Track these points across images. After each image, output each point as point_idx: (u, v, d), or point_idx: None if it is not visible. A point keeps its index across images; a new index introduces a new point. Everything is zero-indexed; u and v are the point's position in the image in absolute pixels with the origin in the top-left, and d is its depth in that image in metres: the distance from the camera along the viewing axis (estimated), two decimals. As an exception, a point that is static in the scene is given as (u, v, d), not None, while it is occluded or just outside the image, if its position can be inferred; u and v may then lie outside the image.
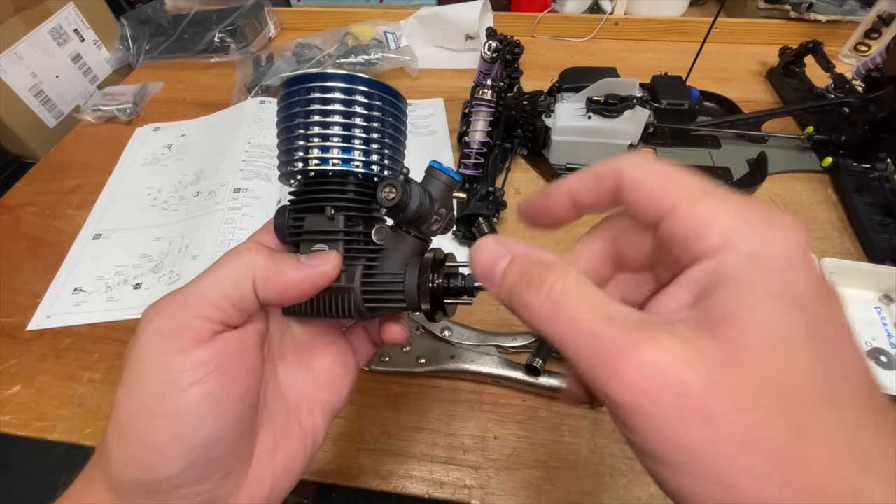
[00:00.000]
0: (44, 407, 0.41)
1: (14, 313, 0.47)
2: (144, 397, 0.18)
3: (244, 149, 0.60)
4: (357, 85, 0.22)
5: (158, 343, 0.19)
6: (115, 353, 0.44)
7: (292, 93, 0.22)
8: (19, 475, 1.02)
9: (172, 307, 0.19)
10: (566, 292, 0.15)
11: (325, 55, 0.74)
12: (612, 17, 0.82)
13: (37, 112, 0.71)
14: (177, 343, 0.18)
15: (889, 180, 0.53)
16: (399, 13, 0.83)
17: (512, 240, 0.18)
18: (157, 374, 0.18)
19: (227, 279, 0.20)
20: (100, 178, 0.61)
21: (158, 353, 0.18)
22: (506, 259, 0.17)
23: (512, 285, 0.16)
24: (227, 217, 0.53)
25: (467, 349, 0.40)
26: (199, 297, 0.19)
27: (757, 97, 0.69)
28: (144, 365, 0.19)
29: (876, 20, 0.68)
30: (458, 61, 0.78)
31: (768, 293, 0.13)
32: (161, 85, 0.77)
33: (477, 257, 0.18)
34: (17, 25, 0.69)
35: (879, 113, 0.52)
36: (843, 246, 0.50)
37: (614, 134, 0.53)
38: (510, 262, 0.17)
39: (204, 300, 0.19)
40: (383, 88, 0.23)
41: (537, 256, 0.16)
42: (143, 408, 0.18)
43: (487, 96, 0.53)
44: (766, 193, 0.55)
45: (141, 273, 0.49)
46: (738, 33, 0.79)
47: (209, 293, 0.19)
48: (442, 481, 0.36)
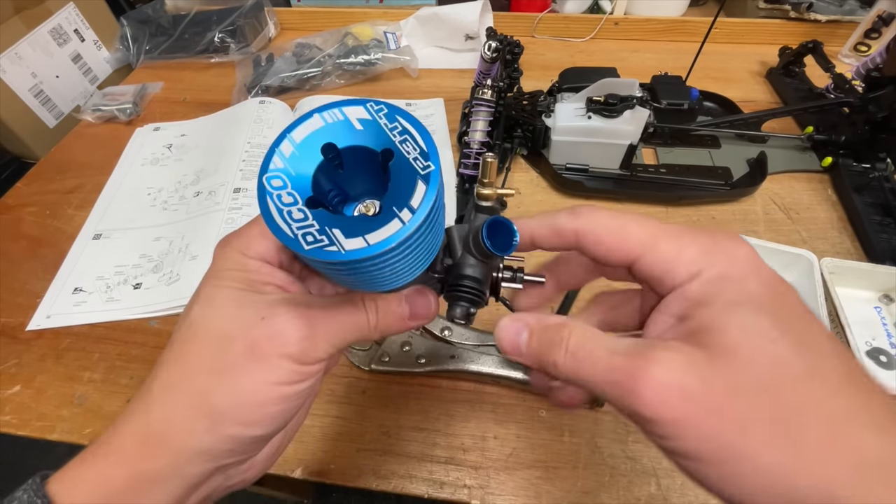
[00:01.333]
0: (44, 407, 0.41)
1: (14, 313, 0.47)
2: (246, 389, 0.19)
3: (244, 149, 0.61)
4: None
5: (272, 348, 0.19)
6: (115, 353, 0.44)
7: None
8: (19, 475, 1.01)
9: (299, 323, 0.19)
10: (580, 342, 0.18)
11: (325, 55, 0.74)
12: (612, 17, 0.82)
13: (37, 112, 0.71)
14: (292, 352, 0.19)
15: (889, 180, 0.53)
16: (399, 13, 0.83)
17: (524, 314, 0.21)
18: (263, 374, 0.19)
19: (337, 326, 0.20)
20: (100, 178, 0.61)
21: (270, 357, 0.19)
22: (525, 332, 0.20)
23: (536, 351, 0.19)
24: (227, 217, 0.53)
25: (467, 349, 0.40)
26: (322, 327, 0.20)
27: (757, 97, 0.69)
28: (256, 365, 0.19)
29: (876, 20, 0.68)
30: (458, 61, 0.78)
31: (732, 302, 0.16)
32: (161, 85, 0.77)
33: (502, 336, 0.20)
34: (17, 25, 0.69)
35: (879, 113, 0.52)
36: (843, 246, 0.50)
37: (614, 134, 0.52)
38: (529, 334, 0.20)
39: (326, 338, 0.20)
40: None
41: (547, 321, 0.20)
42: (242, 400, 0.19)
43: (487, 96, 0.53)
44: (766, 193, 0.55)
45: (141, 273, 0.49)
46: (738, 33, 0.79)
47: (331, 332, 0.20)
48: (442, 481, 0.36)
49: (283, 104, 0.68)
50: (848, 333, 0.39)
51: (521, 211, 0.55)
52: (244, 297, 0.19)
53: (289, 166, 0.16)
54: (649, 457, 0.36)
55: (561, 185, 0.56)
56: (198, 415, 0.18)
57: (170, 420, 0.18)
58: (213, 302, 0.19)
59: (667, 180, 0.55)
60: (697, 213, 0.53)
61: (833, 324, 0.41)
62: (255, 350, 0.18)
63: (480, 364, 0.39)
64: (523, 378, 0.38)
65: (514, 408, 0.39)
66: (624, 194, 0.55)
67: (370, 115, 0.17)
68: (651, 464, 0.36)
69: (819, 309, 0.40)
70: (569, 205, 0.55)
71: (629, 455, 0.36)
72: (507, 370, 0.39)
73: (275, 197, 0.16)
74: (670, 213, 0.53)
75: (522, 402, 0.40)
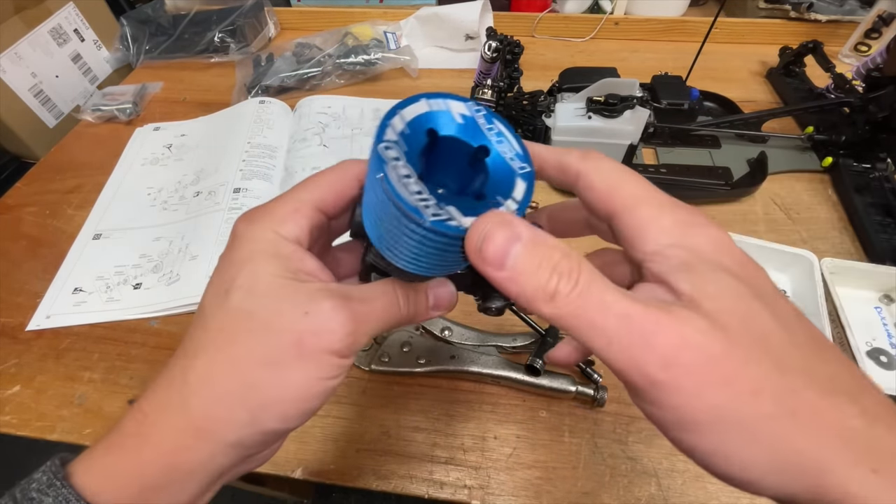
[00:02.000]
0: (44, 407, 0.41)
1: (14, 313, 0.47)
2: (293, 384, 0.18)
3: (244, 149, 0.60)
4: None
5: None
6: (115, 353, 0.44)
7: None
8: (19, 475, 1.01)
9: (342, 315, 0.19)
10: (591, 279, 0.15)
11: (325, 55, 0.74)
12: (612, 17, 0.82)
13: (37, 112, 0.71)
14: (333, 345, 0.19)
15: (889, 180, 0.53)
16: (399, 13, 0.83)
17: (514, 219, 0.16)
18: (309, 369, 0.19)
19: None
20: (100, 178, 0.61)
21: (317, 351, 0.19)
22: (518, 244, 0.15)
23: (531, 274, 0.15)
24: (227, 217, 0.53)
25: (467, 349, 0.40)
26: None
27: (757, 97, 0.69)
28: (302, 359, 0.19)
29: (876, 20, 0.68)
30: (458, 61, 0.78)
31: (713, 271, 0.16)
32: (161, 85, 0.77)
33: (486, 238, 0.15)
34: (17, 25, 0.69)
35: (879, 113, 0.52)
36: (843, 246, 0.50)
37: (614, 134, 0.52)
38: (523, 247, 0.15)
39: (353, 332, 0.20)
40: None
41: (547, 240, 0.16)
42: (290, 394, 0.19)
43: (487, 96, 0.53)
44: (766, 193, 0.55)
45: (141, 273, 0.49)
46: (738, 33, 0.79)
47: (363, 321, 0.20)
48: (442, 481, 0.36)
49: (283, 104, 0.68)
50: (848, 333, 0.39)
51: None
52: (286, 286, 0.18)
53: (401, 141, 0.17)
54: (649, 457, 0.36)
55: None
56: (241, 408, 0.18)
57: (211, 413, 0.18)
58: (254, 290, 0.18)
59: (667, 180, 0.55)
60: (697, 213, 0.53)
61: (833, 324, 0.41)
62: (302, 346, 0.18)
63: (480, 364, 0.39)
64: (524, 378, 0.38)
65: (514, 408, 0.39)
66: (624, 194, 0.55)
67: (470, 112, 0.18)
68: (651, 464, 0.36)
69: (819, 309, 0.40)
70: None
71: (629, 455, 0.36)
72: (507, 370, 0.39)
73: (390, 167, 0.16)
74: (670, 213, 0.53)
75: (522, 403, 0.40)
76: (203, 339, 0.19)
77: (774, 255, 0.45)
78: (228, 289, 0.19)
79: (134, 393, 0.42)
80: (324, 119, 0.65)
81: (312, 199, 0.20)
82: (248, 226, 0.20)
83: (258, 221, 0.20)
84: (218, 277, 0.19)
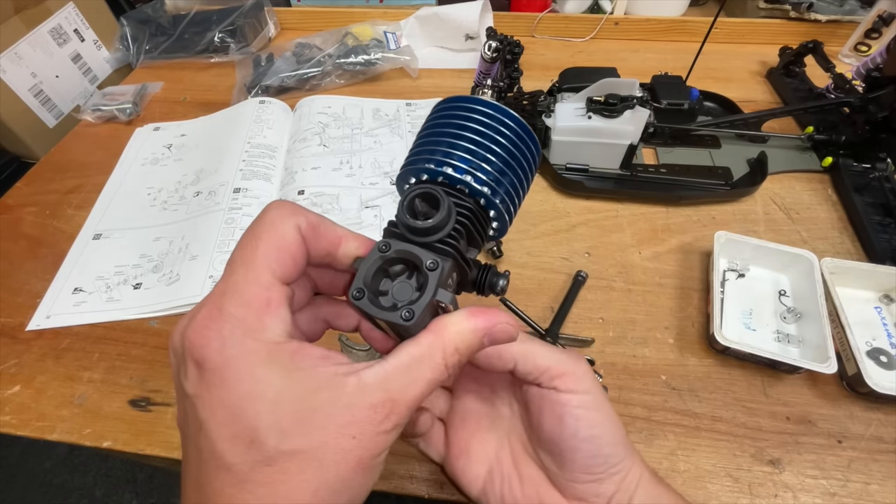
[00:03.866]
0: (44, 407, 0.41)
1: (14, 313, 0.47)
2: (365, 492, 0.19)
3: (244, 149, 0.61)
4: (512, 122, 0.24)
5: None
6: (115, 353, 0.44)
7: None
8: (19, 475, 1.02)
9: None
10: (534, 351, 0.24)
11: (325, 55, 0.74)
12: (612, 17, 0.82)
13: (37, 112, 0.71)
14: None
15: (889, 180, 0.53)
16: (399, 13, 0.83)
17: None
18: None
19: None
20: (100, 178, 0.61)
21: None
22: (516, 333, 0.21)
23: (517, 350, 0.24)
24: (227, 217, 0.53)
25: (467, 349, 0.40)
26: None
27: (757, 97, 0.69)
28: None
29: (876, 20, 0.68)
30: (458, 61, 0.78)
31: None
32: (161, 85, 0.77)
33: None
34: (17, 25, 0.69)
35: (879, 113, 0.52)
36: (843, 246, 0.50)
37: (614, 134, 0.52)
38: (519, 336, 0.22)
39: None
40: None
41: (524, 334, 0.24)
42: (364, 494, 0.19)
43: (487, 96, 0.53)
44: (766, 193, 0.55)
45: (141, 273, 0.49)
46: (738, 33, 0.79)
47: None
48: (442, 481, 0.36)
49: (283, 104, 0.68)
50: (848, 333, 0.39)
51: (522, 210, 0.55)
52: (318, 410, 0.17)
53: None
54: (649, 457, 0.36)
55: (561, 185, 0.56)
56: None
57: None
58: (285, 428, 0.16)
59: (667, 180, 0.55)
60: (697, 214, 0.53)
61: (833, 324, 0.41)
62: (362, 463, 0.17)
63: (480, 364, 0.39)
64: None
65: (514, 408, 0.39)
66: (624, 194, 0.55)
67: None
68: (651, 464, 0.36)
69: (819, 309, 0.40)
70: (569, 205, 0.55)
71: (629, 455, 0.36)
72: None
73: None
74: (670, 213, 0.53)
75: (522, 403, 0.39)
76: (248, 500, 0.16)
77: (774, 255, 0.45)
78: (253, 438, 0.16)
79: (134, 393, 0.42)
80: (324, 119, 0.65)
81: (271, 277, 0.18)
82: (222, 348, 0.17)
83: (231, 338, 0.17)
84: (224, 428, 0.16)
